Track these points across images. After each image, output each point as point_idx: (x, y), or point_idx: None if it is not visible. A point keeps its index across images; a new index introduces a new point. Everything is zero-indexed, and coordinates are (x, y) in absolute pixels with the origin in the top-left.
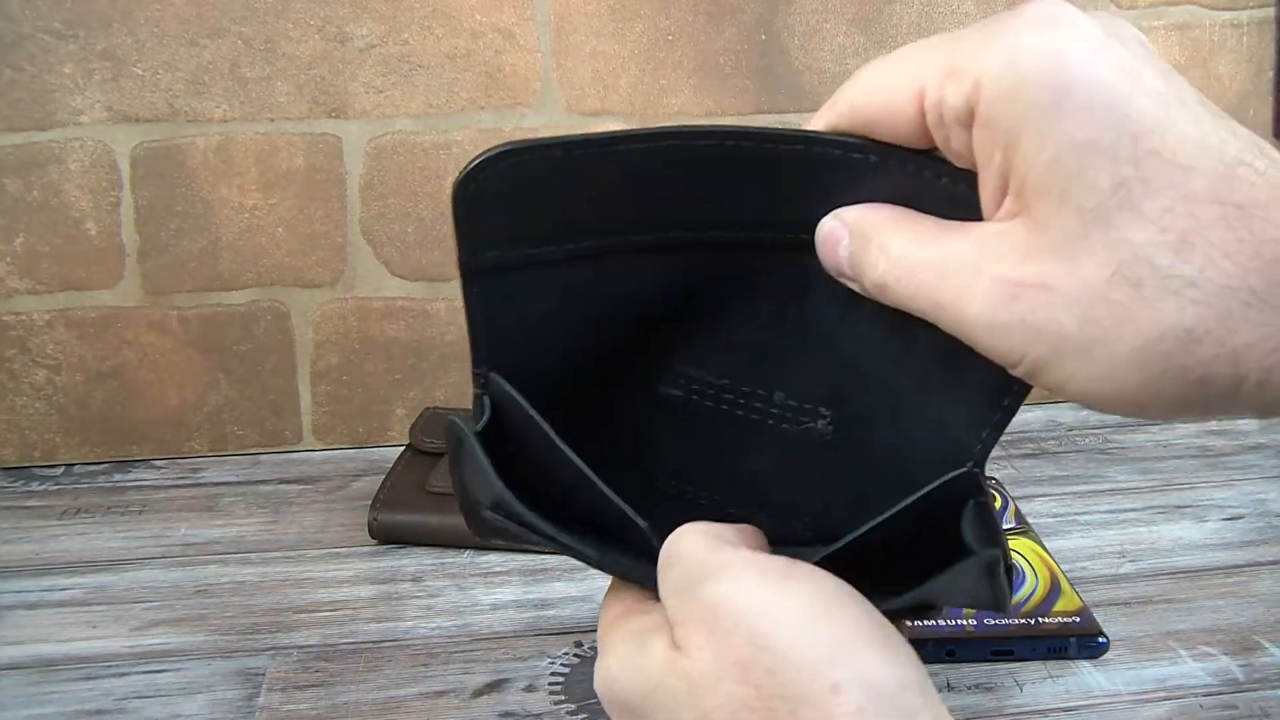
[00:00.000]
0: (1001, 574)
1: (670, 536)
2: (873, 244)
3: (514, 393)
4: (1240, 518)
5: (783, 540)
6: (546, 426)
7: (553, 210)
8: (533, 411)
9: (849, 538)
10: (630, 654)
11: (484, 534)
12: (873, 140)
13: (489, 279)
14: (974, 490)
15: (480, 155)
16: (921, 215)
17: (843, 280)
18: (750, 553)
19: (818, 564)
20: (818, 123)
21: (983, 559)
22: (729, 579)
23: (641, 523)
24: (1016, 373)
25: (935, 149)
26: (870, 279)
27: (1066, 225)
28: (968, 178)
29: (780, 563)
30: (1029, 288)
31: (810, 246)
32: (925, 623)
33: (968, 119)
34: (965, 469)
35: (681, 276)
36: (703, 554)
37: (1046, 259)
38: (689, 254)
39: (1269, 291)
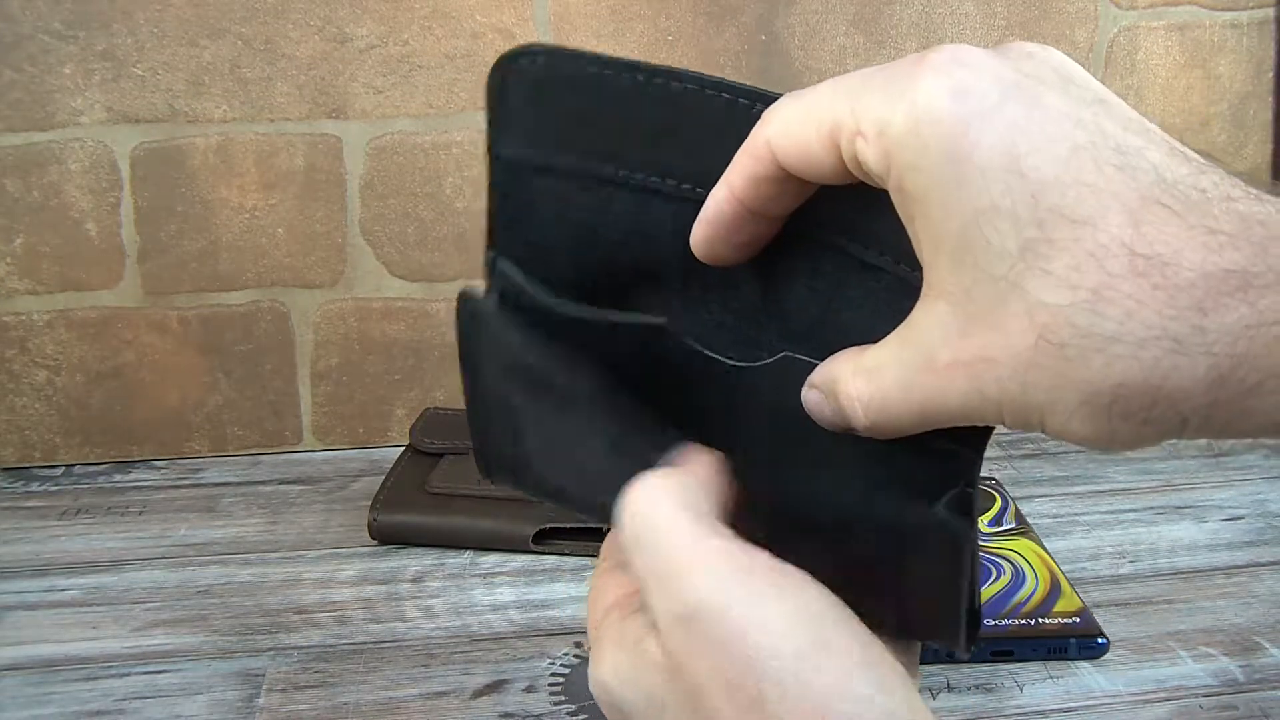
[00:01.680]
0: (968, 563)
1: (632, 494)
2: (841, 397)
3: (519, 278)
4: (1240, 518)
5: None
6: (553, 300)
7: (574, 123)
8: (535, 291)
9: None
10: (626, 663)
11: (491, 468)
12: None
13: (509, 170)
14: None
15: (522, 47)
16: (868, 346)
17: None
18: (731, 543)
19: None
20: (738, 163)
21: (953, 528)
22: (713, 579)
23: (658, 319)
24: (1009, 426)
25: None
26: (862, 426)
27: (985, 294)
28: None
29: (764, 564)
30: (975, 363)
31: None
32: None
33: (882, 177)
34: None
35: (670, 228)
36: (679, 539)
37: (980, 331)
38: (684, 207)
39: (1191, 337)
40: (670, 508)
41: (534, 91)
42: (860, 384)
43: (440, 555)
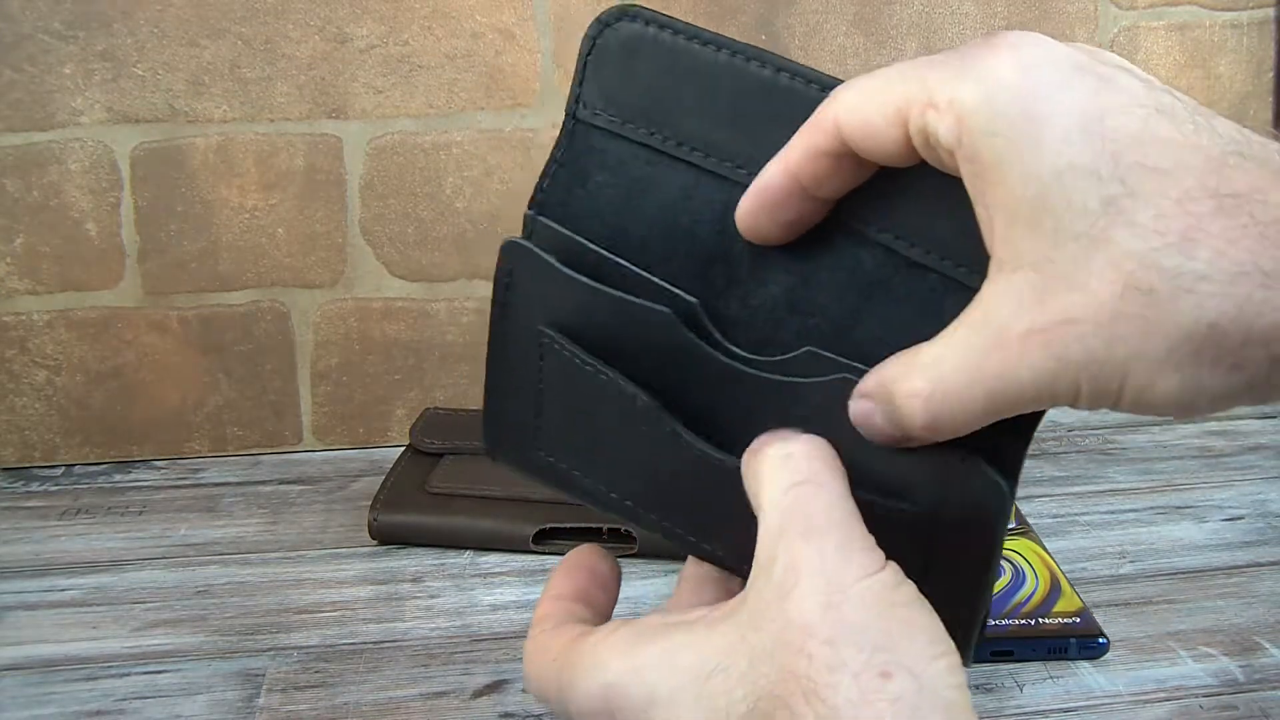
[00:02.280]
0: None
1: (781, 438)
2: (899, 397)
3: (560, 228)
4: (1240, 518)
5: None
6: (594, 246)
7: (651, 92)
8: (580, 238)
9: None
10: (658, 652)
11: (498, 440)
12: None
13: (580, 130)
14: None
15: (621, 7)
16: (921, 345)
17: (904, 445)
18: (867, 535)
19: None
20: (799, 136)
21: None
22: (842, 545)
23: (690, 298)
24: (1080, 406)
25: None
26: (920, 426)
27: (1066, 255)
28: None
29: (880, 557)
30: (1055, 328)
31: (846, 230)
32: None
33: (952, 149)
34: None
35: (715, 211)
36: (835, 511)
37: (1060, 294)
38: (736, 191)
39: None
40: (843, 486)
41: (622, 56)
42: (919, 379)
43: (440, 555)
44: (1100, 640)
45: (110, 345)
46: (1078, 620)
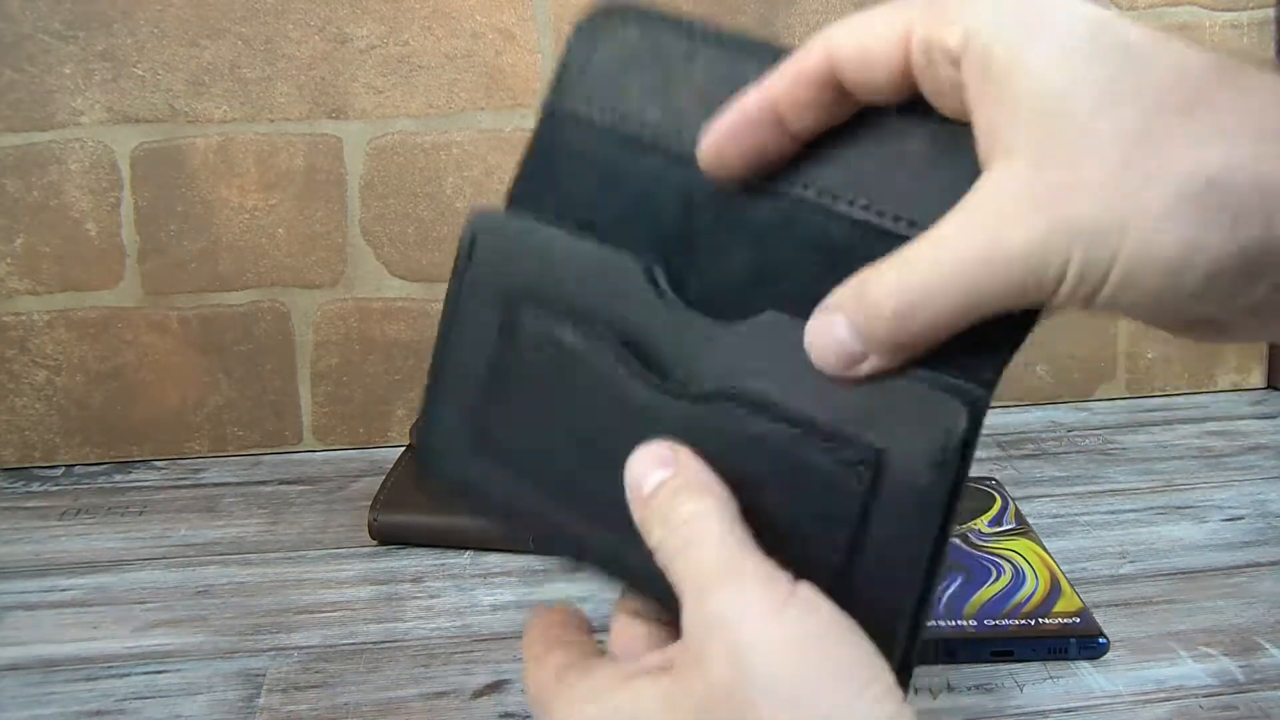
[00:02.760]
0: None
1: (684, 503)
2: (867, 298)
3: (529, 219)
4: (1240, 518)
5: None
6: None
7: (628, 81)
8: (544, 226)
9: None
10: (611, 708)
11: (432, 462)
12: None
13: (553, 120)
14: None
15: (614, 8)
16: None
17: (865, 364)
18: (758, 563)
19: None
20: (785, 68)
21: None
22: (736, 595)
23: (655, 268)
24: (1060, 297)
25: (912, 98)
26: (885, 325)
27: (1072, 129)
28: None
29: (783, 587)
30: (1054, 191)
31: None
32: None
33: (957, 56)
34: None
35: (686, 191)
36: (725, 551)
37: (1061, 162)
38: (697, 174)
39: None
40: (719, 523)
41: (600, 48)
42: (892, 274)
43: (440, 555)
44: (1100, 640)
45: (110, 345)
46: (1078, 620)
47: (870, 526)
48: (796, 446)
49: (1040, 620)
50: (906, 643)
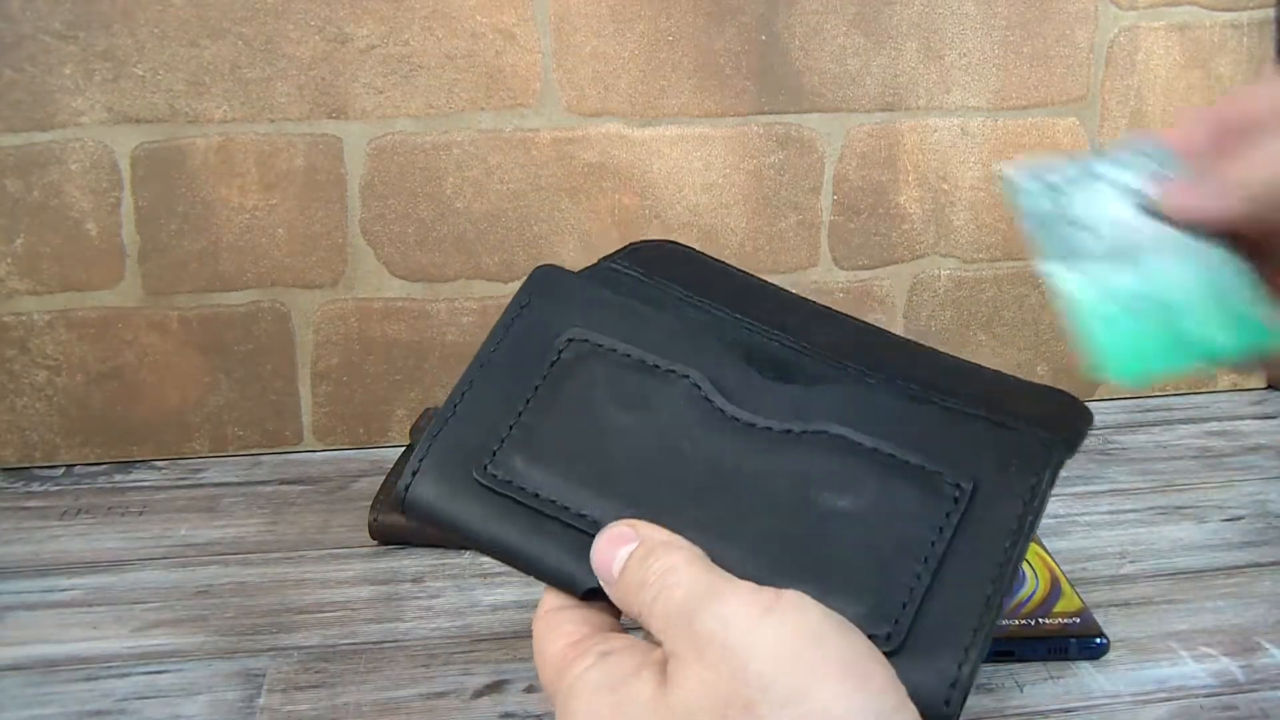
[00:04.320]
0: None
1: (656, 542)
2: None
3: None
4: (1240, 518)
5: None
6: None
7: (687, 276)
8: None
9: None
10: (608, 707)
11: (413, 509)
12: None
13: (608, 274)
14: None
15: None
16: None
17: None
18: (739, 583)
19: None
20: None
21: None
22: (721, 608)
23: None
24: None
25: None
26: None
27: None
28: None
29: (768, 595)
30: None
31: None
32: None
33: None
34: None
35: (744, 340)
36: (703, 580)
37: None
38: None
39: None
40: (691, 564)
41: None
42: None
43: (440, 555)
44: (1100, 640)
45: (110, 345)
46: (1078, 620)
47: (951, 556)
48: (887, 477)
49: (1040, 620)
50: (972, 665)
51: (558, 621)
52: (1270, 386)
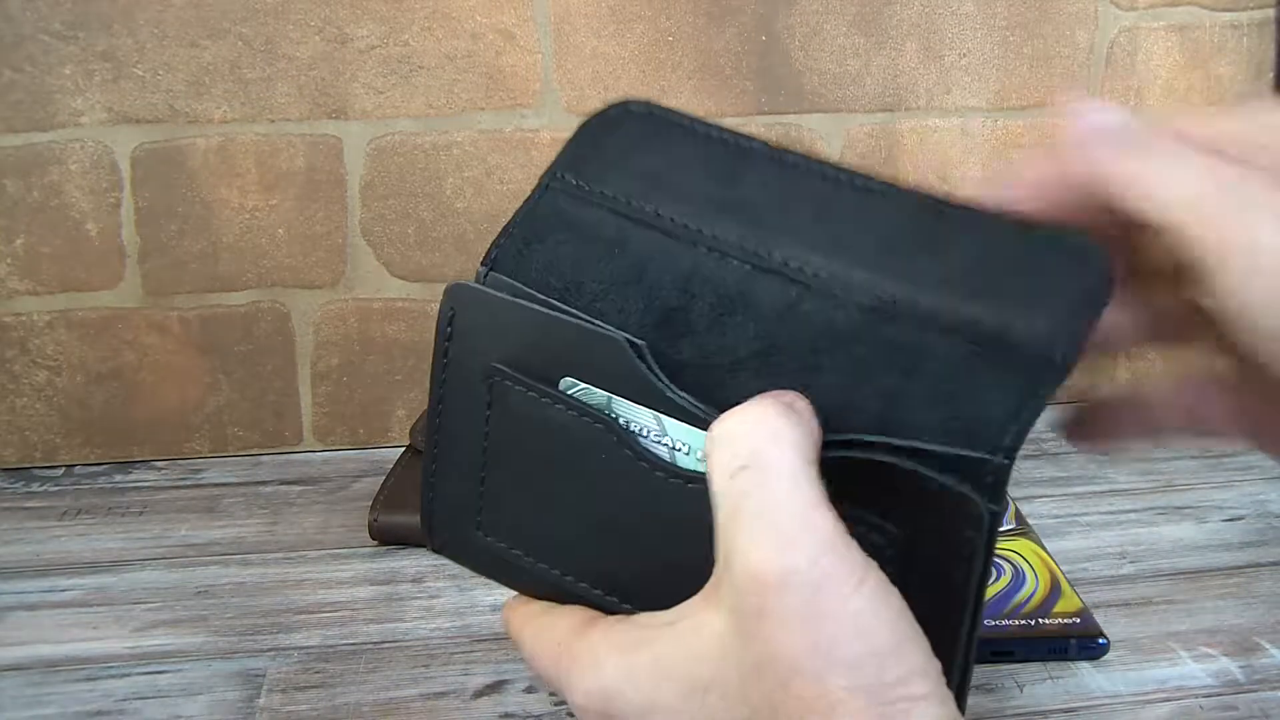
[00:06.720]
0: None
1: (756, 428)
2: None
3: (512, 280)
4: (1240, 519)
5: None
6: (543, 298)
7: (646, 169)
8: (530, 289)
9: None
10: (644, 660)
11: (437, 537)
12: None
13: (551, 193)
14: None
15: (634, 103)
16: None
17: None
18: (836, 532)
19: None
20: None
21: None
22: (809, 556)
23: (638, 340)
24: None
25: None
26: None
27: None
28: None
29: (860, 557)
30: None
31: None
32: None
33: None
34: (984, 455)
35: (687, 270)
36: (798, 498)
37: None
38: (703, 255)
39: None
40: (795, 460)
41: (608, 131)
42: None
43: (440, 555)
44: (1100, 640)
45: (110, 346)
46: (1078, 620)
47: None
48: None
49: (1040, 620)
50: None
51: (548, 621)
52: None
